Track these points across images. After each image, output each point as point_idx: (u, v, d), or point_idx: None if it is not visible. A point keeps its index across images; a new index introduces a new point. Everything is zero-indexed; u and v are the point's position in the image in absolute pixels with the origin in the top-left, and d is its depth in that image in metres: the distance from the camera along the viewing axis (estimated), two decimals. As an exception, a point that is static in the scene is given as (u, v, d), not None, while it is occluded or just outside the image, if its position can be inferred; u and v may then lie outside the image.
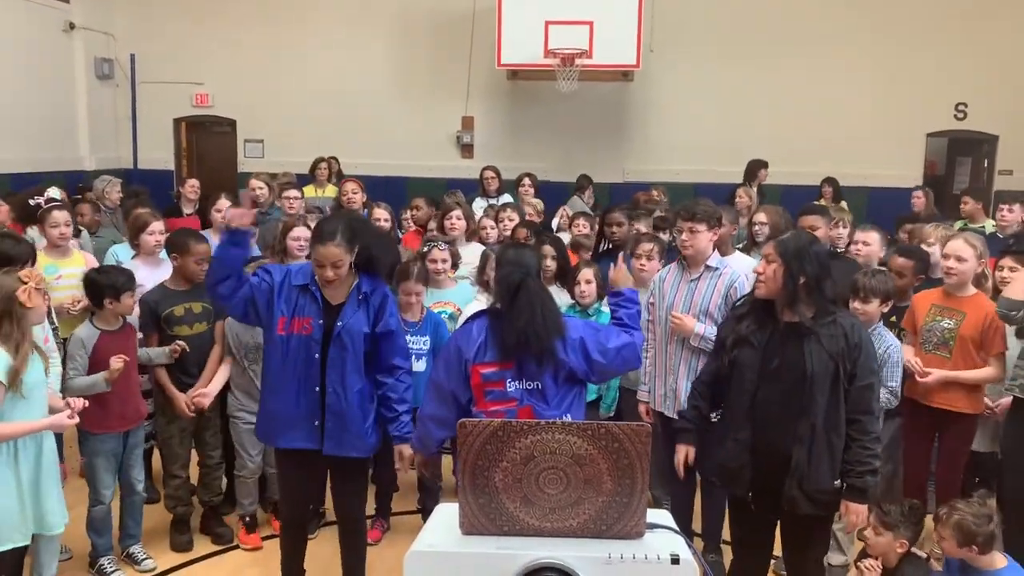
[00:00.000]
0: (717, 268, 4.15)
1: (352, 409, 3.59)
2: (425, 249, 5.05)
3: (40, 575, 3.71)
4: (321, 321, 3.55)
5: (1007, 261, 4.45)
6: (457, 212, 5.87)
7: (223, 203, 5.87)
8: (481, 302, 4.55)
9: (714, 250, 4.22)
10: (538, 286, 3.31)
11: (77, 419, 3.51)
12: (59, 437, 4.20)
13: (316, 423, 3.58)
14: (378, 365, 3.65)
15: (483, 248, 5.51)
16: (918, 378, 4.16)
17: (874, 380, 3.19)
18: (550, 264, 4.83)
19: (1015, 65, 11.47)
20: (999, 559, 3.30)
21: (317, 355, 3.54)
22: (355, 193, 6.92)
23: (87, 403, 3.60)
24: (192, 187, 8.28)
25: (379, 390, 3.65)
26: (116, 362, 3.95)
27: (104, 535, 4.24)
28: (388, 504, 4.85)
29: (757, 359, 3.19)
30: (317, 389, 3.56)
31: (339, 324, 3.55)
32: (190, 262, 4.44)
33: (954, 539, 3.28)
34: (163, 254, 4.95)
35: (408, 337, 4.50)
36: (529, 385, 3.25)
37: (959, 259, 4.17)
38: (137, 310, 4.45)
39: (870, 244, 4.99)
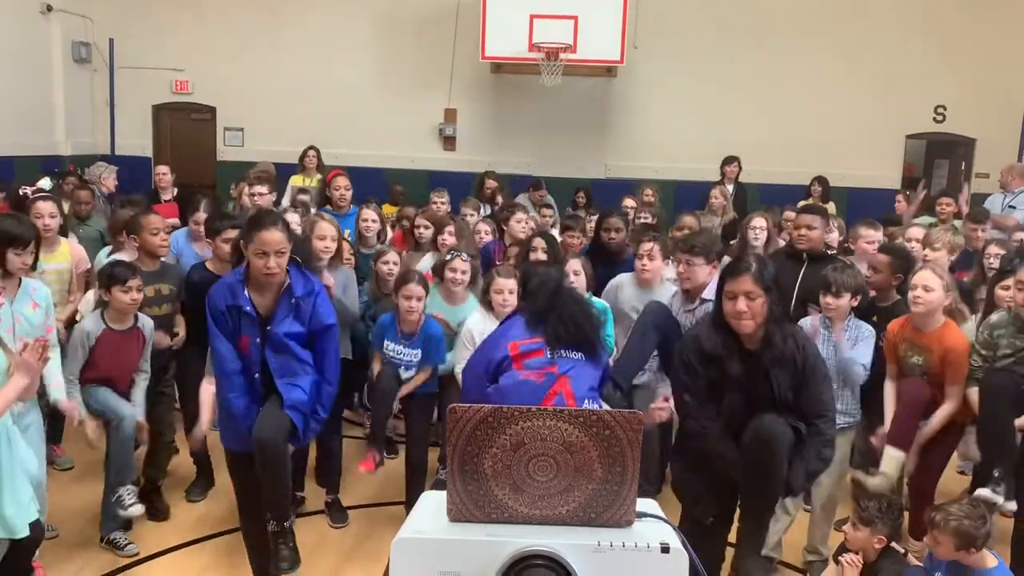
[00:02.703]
0: (711, 301, 4.08)
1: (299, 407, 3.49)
2: (448, 257, 4.90)
3: None
4: (259, 340, 3.43)
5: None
6: (450, 228, 5.71)
7: (200, 216, 5.58)
8: (488, 317, 4.45)
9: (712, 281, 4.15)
10: (571, 290, 3.47)
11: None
12: (55, 422, 4.14)
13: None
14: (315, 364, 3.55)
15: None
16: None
17: (824, 385, 3.20)
18: (541, 257, 4.84)
19: (994, 69, 11.61)
20: (989, 558, 3.30)
21: (258, 374, 3.45)
22: (347, 190, 6.54)
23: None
24: (161, 174, 8.10)
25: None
26: (92, 436, 4.04)
27: (128, 464, 4.17)
28: (383, 433, 4.70)
29: (736, 389, 3.15)
30: (256, 407, 3.48)
31: (269, 329, 3.42)
32: (147, 236, 4.46)
33: (952, 544, 3.25)
34: None
35: (399, 347, 4.53)
36: (572, 355, 3.25)
37: (926, 288, 4.05)
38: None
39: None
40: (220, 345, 3.43)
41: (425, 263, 5.44)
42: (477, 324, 4.42)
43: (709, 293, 4.07)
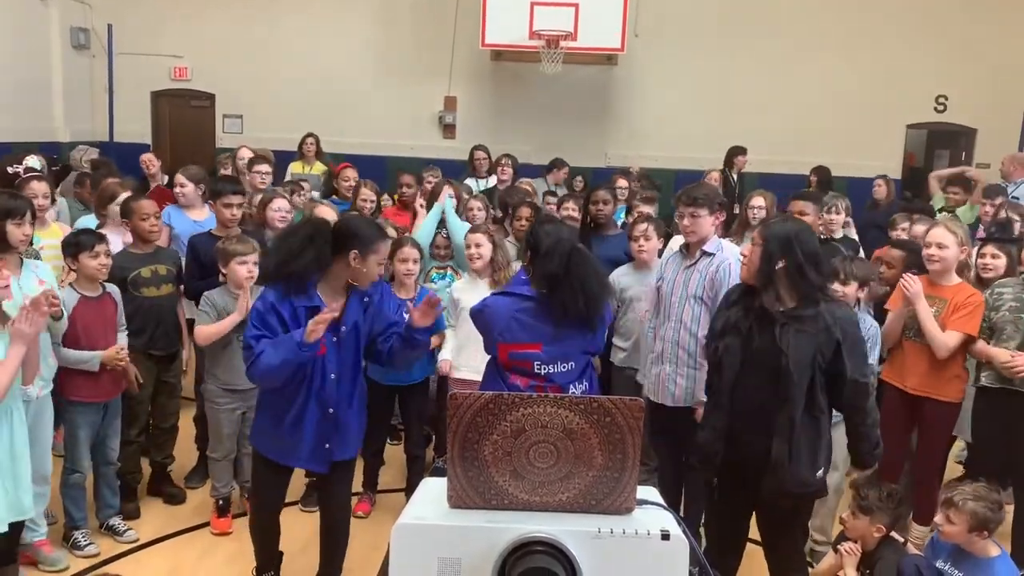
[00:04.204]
0: (713, 253, 4.04)
1: (352, 413, 3.49)
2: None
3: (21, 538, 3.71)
4: (336, 339, 3.36)
5: (989, 249, 4.50)
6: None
7: (181, 178, 5.59)
8: (481, 284, 4.56)
9: (715, 235, 4.17)
10: (585, 251, 3.51)
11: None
12: (56, 406, 4.13)
13: (327, 446, 3.46)
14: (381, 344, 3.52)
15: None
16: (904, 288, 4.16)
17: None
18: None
19: (996, 59, 11.58)
20: (992, 547, 3.30)
21: (333, 375, 3.38)
22: (356, 181, 6.60)
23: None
24: (146, 162, 8.03)
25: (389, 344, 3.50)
26: (113, 356, 4.07)
27: (80, 506, 4.20)
28: (376, 478, 4.87)
29: (739, 347, 3.15)
30: (332, 411, 3.41)
31: (343, 328, 3.37)
32: (137, 221, 4.49)
33: (967, 524, 3.23)
34: None
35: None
36: (564, 367, 3.44)
37: (940, 246, 4.18)
38: None
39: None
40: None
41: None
42: (462, 289, 4.67)
43: (710, 247, 4.05)
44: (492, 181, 8.30)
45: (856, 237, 6.13)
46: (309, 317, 3.23)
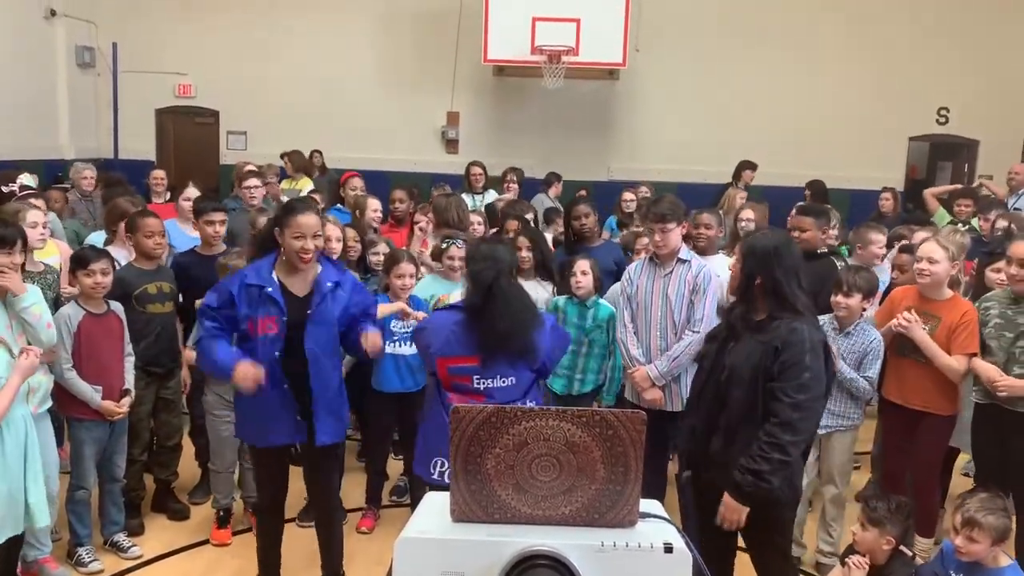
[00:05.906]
0: (687, 260, 4.23)
1: (335, 397, 3.60)
2: (444, 246, 4.95)
3: (25, 556, 3.71)
4: (286, 318, 3.47)
5: (999, 263, 4.47)
6: (429, 213, 5.89)
7: (191, 191, 5.73)
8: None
9: (683, 242, 4.31)
10: (509, 283, 3.41)
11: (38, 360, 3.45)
12: (57, 421, 4.14)
13: (298, 418, 3.55)
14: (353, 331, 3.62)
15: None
16: (897, 326, 4.15)
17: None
18: (526, 255, 4.87)
19: (998, 71, 11.59)
20: (1003, 557, 3.25)
21: (277, 353, 3.48)
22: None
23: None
24: (157, 178, 8.08)
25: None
26: (115, 411, 4.12)
27: (85, 523, 4.20)
28: (379, 493, 4.86)
29: (714, 354, 3.24)
30: (286, 386, 3.51)
31: (309, 312, 3.49)
32: (141, 238, 4.50)
33: (990, 539, 3.17)
34: None
35: (400, 323, 4.57)
36: (503, 382, 3.38)
37: (930, 260, 4.13)
38: None
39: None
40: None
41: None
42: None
43: (684, 254, 4.23)
44: (489, 197, 8.33)
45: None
46: (250, 293, 3.45)
